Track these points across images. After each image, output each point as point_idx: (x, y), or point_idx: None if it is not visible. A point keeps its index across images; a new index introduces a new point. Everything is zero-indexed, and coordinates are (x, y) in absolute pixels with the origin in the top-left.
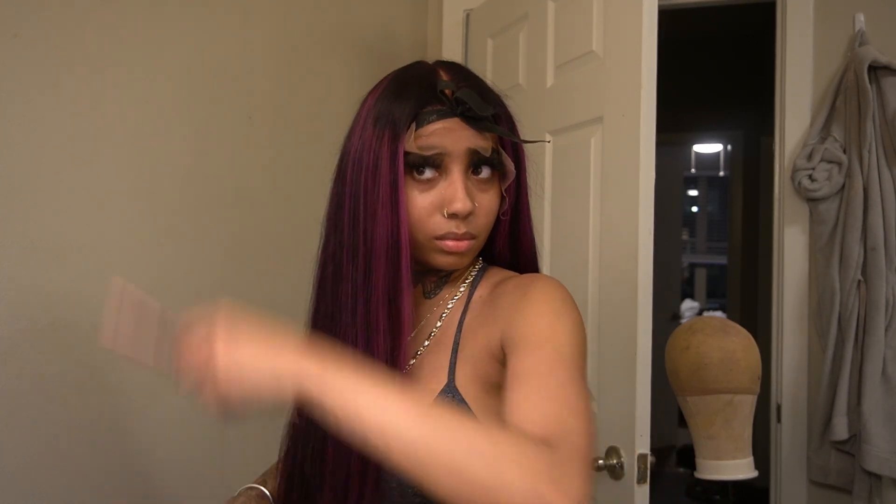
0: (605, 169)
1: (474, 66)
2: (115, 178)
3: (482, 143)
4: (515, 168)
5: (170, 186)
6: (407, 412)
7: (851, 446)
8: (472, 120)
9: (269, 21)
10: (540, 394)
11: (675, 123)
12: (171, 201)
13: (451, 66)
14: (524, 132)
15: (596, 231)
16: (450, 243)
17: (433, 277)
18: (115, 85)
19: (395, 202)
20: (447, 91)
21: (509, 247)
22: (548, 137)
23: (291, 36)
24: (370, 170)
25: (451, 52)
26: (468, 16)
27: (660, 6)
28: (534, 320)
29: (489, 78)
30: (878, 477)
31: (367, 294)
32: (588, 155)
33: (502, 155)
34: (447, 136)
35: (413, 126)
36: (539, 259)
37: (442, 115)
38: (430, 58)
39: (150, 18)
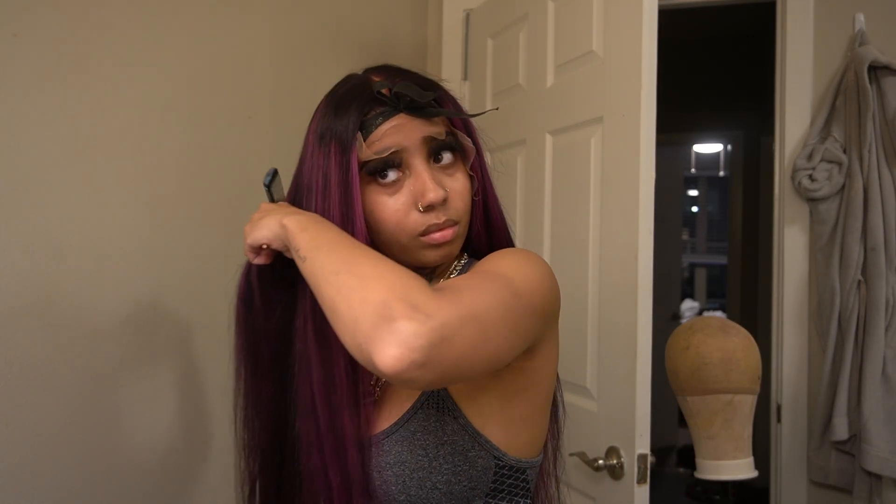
0: (605, 169)
1: (474, 66)
2: (115, 178)
3: (434, 129)
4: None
5: (170, 186)
6: (337, 240)
7: (851, 446)
8: (418, 109)
9: (270, 21)
10: (457, 279)
11: (675, 123)
12: (171, 201)
13: (381, 68)
14: (523, 131)
15: (596, 231)
16: (436, 235)
17: (420, 274)
18: (115, 85)
19: (350, 216)
20: (384, 90)
21: (484, 227)
22: (547, 137)
23: (292, 36)
24: (320, 189)
25: (451, 52)
26: (468, 16)
27: (660, 6)
28: (483, 263)
29: (489, 78)
30: (878, 477)
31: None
32: (588, 155)
33: (458, 135)
34: (398, 132)
35: (360, 135)
36: (512, 233)
37: (387, 116)
38: (430, 58)
39: (150, 19)
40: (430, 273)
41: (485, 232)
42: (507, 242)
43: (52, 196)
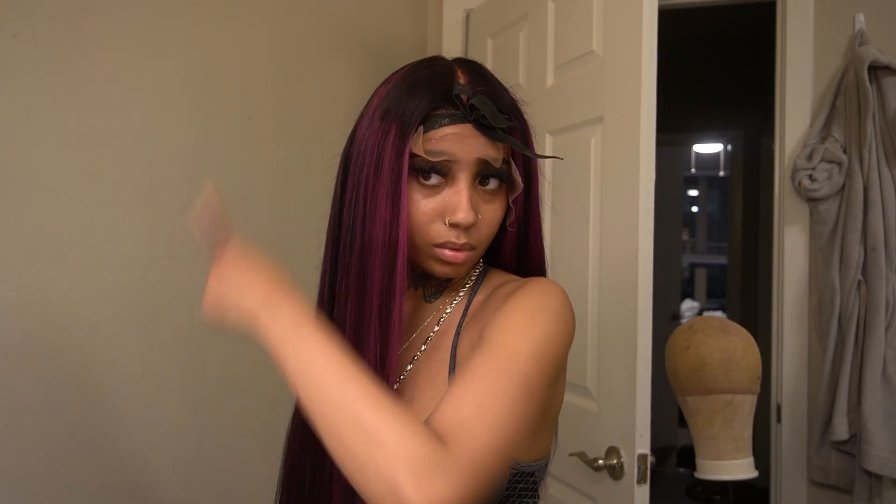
0: (605, 169)
1: None
2: (115, 179)
3: (493, 153)
4: (527, 180)
5: (170, 186)
6: (327, 373)
7: (852, 446)
8: (486, 128)
9: (270, 21)
10: (464, 393)
11: (675, 123)
12: (171, 201)
13: (471, 67)
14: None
15: (596, 231)
16: (448, 253)
17: (434, 282)
18: (115, 85)
19: (396, 202)
20: (463, 96)
21: (517, 259)
22: (548, 138)
23: (292, 36)
24: (372, 165)
25: (451, 52)
26: (468, 16)
27: (660, 6)
28: (503, 322)
29: None
30: (878, 477)
31: (360, 290)
32: (588, 155)
33: (512, 168)
34: (457, 142)
35: (421, 128)
36: (548, 272)
37: (454, 120)
38: None
39: (150, 19)
40: (446, 283)
41: (517, 261)
42: (539, 274)
43: (53, 196)
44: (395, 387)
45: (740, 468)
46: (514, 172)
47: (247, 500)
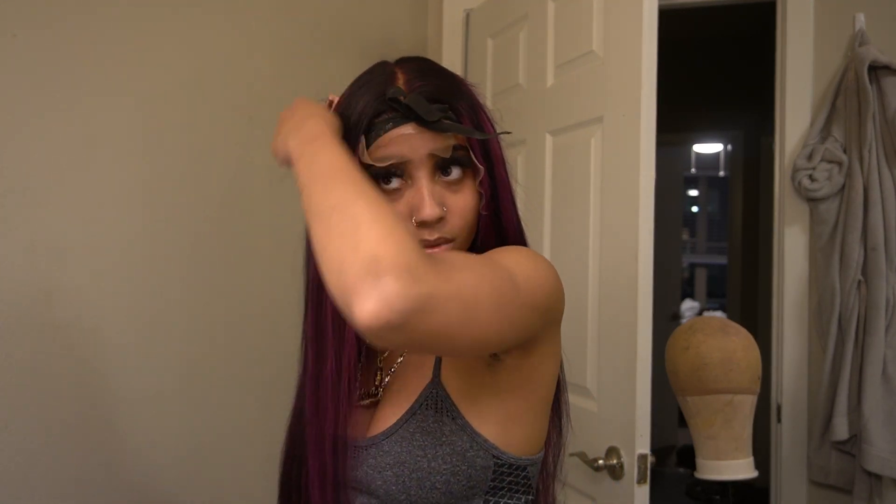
0: (605, 169)
1: (474, 67)
2: (115, 179)
3: (442, 144)
4: (487, 161)
5: (170, 186)
6: (335, 170)
7: (852, 446)
8: (429, 123)
9: (270, 21)
10: (456, 256)
11: (675, 123)
12: (171, 201)
13: (411, 65)
14: (523, 131)
15: (596, 231)
16: (425, 251)
17: None
18: (115, 86)
19: None
20: (400, 97)
21: (495, 243)
22: (547, 137)
23: (292, 36)
24: None
25: (451, 52)
26: (468, 16)
27: (660, 6)
28: (493, 251)
29: (489, 78)
30: (878, 477)
31: (317, 305)
32: (588, 155)
33: (469, 152)
34: (405, 143)
35: (363, 140)
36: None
37: (397, 123)
38: (430, 58)
39: (150, 19)
40: None
41: (494, 247)
42: None
43: (53, 196)
44: (364, 401)
45: (740, 468)
46: (473, 156)
47: (247, 499)
